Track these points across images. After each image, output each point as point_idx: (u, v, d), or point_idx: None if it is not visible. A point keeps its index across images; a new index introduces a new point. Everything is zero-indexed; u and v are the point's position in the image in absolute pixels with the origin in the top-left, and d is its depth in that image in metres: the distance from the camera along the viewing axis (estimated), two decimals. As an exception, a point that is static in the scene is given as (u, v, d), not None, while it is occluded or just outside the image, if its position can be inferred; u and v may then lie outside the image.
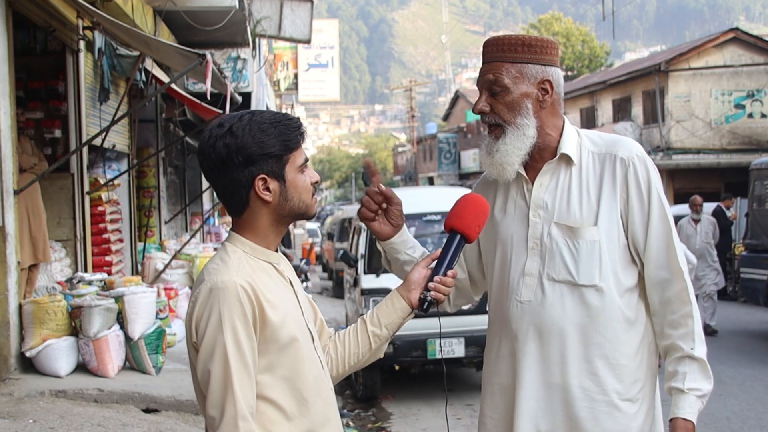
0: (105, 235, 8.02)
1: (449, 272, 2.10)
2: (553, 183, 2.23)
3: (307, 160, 1.96)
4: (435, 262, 2.13)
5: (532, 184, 2.25)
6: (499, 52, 2.20)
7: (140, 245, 9.58)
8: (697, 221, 11.07)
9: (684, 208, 17.72)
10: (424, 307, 2.09)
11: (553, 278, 2.18)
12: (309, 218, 2.03)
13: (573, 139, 2.24)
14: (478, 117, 2.27)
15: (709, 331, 10.18)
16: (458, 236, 2.12)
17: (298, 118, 1.94)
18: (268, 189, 1.88)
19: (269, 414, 1.84)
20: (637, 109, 25.27)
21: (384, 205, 2.26)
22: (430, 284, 2.08)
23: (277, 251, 1.99)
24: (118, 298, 5.86)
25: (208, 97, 7.15)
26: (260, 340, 1.83)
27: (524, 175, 2.26)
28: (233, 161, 1.86)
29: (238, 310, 1.78)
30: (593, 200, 2.18)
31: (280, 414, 1.85)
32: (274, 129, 1.88)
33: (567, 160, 2.22)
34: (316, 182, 1.97)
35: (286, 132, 1.89)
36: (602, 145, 2.24)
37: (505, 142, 2.19)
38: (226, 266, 1.85)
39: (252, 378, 1.80)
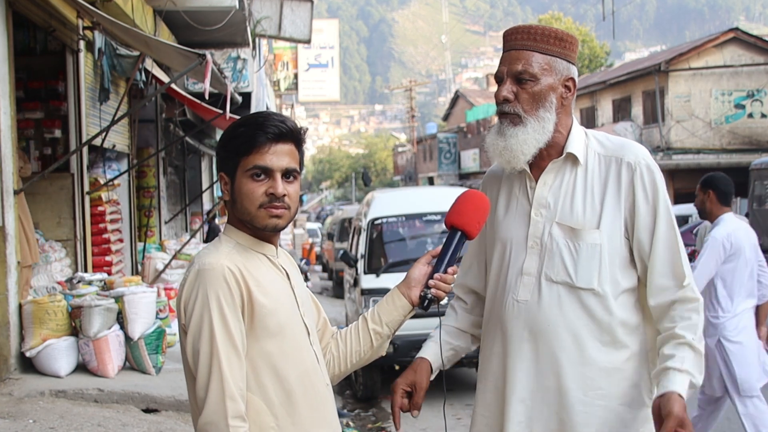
0: (105, 235, 8.02)
1: (450, 269, 2.09)
2: (558, 182, 2.20)
3: (266, 169, 1.86)
4: (436, 259, 2.12)
5: (536, 182, 2.22)
6: (531, 41, 2.14)
7: (140, 245, 9.58)
8: None
9: (686, 209, 17.71)
10: (425, 305, 2.08)
11: (551, 279, 2.14)
12: (264, 230, 1.89)
13: (580, 139, 2.21)
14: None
15: None
16: (459, 233, 2.11)
17: (276, 122, 1.88)
18: (227, 187, 1.93)
19: (255, 404, 1.83)
20: (637, 109, 25.28)
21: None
22: (431, 282, 2.07)
23: (276, 246, 1.98)
24: (118, 298, 5.85)
25: (206, 97, 7.16)
26: (249, 327, 1.82)
27: (528, 172, 2.22)
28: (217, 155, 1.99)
29: (225, 291, 1.78)
30: (597, 203, 2.14)
31: (266, 404, 1.84)
32: (236, 131, 1.89)
33: (573, 160, 2.19)
34: (272, 193, 1.86)
35: (246, 134, 1.87)
36: (610, 147, 2.20)
37: (525, 131, 2.14)
38: (217, 251, 1.87)
39: (241, 359, 1.79)
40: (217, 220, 15.69)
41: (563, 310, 2.12)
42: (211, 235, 14.49)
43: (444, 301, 2.14)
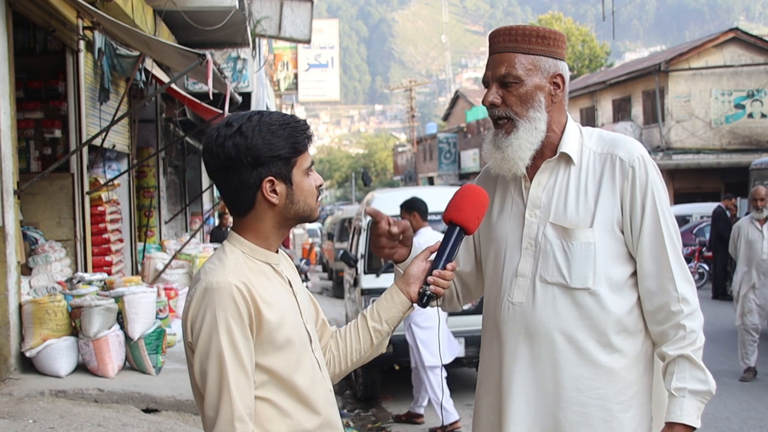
0: (105, 235, 8.02)
1: (449, 265, 2.07)
2: (552, 182, 2.18)
3: (312, 163, 1.95)
4: (434, 255, 2.11)
5: (531, 182, 2.20)
6: (512, 43, 2.12)
7: (140, 245, 9.58)
8: (764, 221, 7.87)
9: (686, 209, 17.69)
10: (424, 301, 2.07)
11: (545, 280, 2.12)
12: (312, 221, 1.99)
13: (575, 137, 2.19)
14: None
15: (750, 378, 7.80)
16: (457, 228, 2.10)
17: (305, 121, 1.93)
18: (275, 191, 1.87)
19: (267, 413, 1.83)
20: (637, 109, 25.28)
21: (401, 237, 2.18)
22: (429, 278, 2.06)
23: (277, 252, 1.98)
24: (118, 298, 5.85)
25: (211, 98, 7.16)
26: (257, 342, 1.82)
27: (524, 172, 2.20)
28: (242, 162, 1.84)
29: (233, 310, 1.77)
30: (591, 201, 2.12)
31: (278, 413, 1.85)
32: (284, 131, 1.86)
33: (567, 159, 2.17)
34: (320, 185, 1.96)
35: (295, 134, 1.88)
36: (604, 144, 2.17)
37: (518, 136, 2.12)
38: (223, 266, 1.84)
39: (249, 378, 1.79)
40: (216, 221, 15.67)
41: (558, 312, 2.11)
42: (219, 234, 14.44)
43: (452, 302, 2.13)
